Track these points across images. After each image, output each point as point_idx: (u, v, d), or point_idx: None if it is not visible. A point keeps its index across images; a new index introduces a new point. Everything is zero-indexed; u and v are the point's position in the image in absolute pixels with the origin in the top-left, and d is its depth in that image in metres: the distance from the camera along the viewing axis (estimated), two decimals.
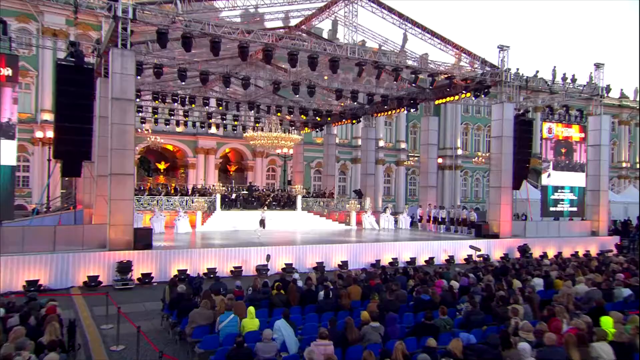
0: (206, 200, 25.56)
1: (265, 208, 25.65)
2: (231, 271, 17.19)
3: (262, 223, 24.17)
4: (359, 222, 28.92)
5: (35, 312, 8.83)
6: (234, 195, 27.30)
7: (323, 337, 7.57)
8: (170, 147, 40.41)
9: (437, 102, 26.71)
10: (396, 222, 28.88)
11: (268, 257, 16.91)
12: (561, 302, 10.32)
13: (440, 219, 26.66)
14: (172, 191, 28.15)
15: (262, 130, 30.28)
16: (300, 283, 12.37)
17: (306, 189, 31.71)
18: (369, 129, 32.40)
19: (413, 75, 21.87)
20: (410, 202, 46.56)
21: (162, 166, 41.27)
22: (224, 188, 26.65)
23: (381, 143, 44.92)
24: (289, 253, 18.56)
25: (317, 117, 31.10)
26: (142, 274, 15.64)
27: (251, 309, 9.05)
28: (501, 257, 21.73)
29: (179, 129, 37.25)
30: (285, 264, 18.06)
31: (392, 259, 20.35)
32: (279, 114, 28.96)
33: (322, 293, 11.35)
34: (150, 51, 20.92)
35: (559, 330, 8.38)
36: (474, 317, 9.71)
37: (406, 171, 49.01)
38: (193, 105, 27.51)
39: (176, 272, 16.00)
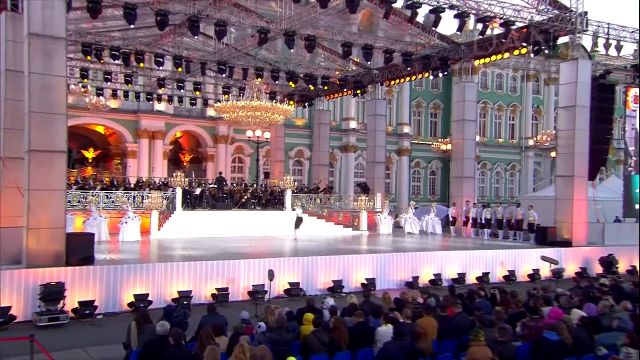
0: (162, 196, 22.93)
1: (299, 204, 24.84)
2: (213, 295, 15.22)
3: (298, 223, 22.71)
4: (370, 226, 27.34)
5: None
6: (198, 191, 25.07)
7: None
8: (100, 130, 37.40)
9: (477, 62, 24.70)
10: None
11: (271, 274, 14.64)
12: None
13: (483, 221, 24.52)
14: (109, 185, 25.66)
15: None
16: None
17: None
18: (378, 102, 30.15)
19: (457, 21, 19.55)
20: (413, 201, 44.71)
21: (90, 154, 38.16)
22: (185, 180, 24.04)
23: None
24: (292, 268, 16.95)
25: (309, 86, 28.47)
26: (79, 303, 13.66)
27: None
28: (576, 273, 20.22)
29: (114, 104, 33.99)
30: (290, 284, 16.40)
31: (434, 275, 18.72)
32: (259, 80, 26.15)
33: (386, 329, 9.15)
34: None
35: None
36: None
37: (409, 163, 47.20)
38: (142, 65, 24.43)
39: (132, 299, 13.93)
